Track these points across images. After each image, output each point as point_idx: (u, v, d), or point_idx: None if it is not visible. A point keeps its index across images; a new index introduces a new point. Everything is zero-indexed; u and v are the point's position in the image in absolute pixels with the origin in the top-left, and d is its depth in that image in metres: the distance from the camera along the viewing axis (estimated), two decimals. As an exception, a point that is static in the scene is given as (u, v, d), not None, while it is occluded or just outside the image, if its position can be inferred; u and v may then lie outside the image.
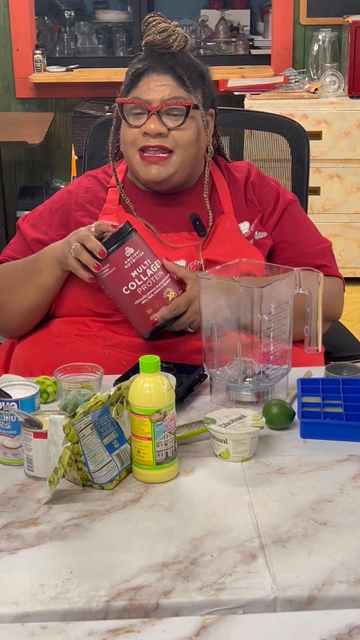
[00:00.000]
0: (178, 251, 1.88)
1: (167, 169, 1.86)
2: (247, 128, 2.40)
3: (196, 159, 1.91)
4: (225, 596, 1.15)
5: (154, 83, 1.86)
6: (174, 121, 1.86)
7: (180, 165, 1.87)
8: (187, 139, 1.86)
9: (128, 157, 1.90)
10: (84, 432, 1.36)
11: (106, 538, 1.27)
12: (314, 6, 4.84)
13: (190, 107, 1.85)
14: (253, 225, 1.95)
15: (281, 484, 1.40)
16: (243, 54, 5.26)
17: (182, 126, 1.85)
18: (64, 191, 2.01)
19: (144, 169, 1.87)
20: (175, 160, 1.86)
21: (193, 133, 1.87)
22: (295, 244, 1.96)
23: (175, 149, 1.86)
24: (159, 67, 1.86)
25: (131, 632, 1.10)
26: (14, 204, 5.04)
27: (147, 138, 1.85)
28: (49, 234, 1.94)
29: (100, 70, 5.07)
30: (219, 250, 1.87)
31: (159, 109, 1.84)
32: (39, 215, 2.00)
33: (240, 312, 1.59)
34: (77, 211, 1.94)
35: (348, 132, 4.45)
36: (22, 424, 1.42)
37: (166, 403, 1.39)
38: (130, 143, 1.88)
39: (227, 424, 1.47)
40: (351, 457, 1.48)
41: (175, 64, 1.87)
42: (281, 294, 1.60)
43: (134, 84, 1.88)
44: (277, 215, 1.98)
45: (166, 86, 1.85)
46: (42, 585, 1.17)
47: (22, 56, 5.03)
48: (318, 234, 2.02)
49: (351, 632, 1.09)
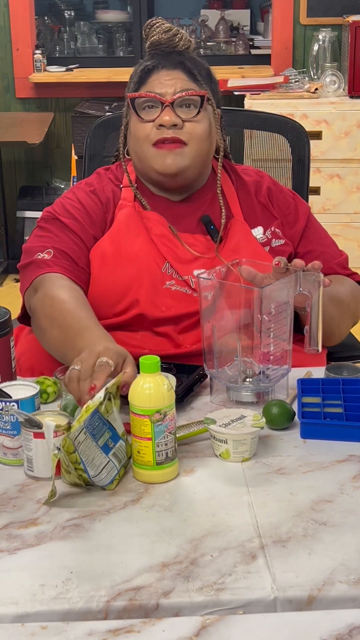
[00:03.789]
0: (197, 261, 1.87)
1: (182, 159, 1.83)
2: (247, 128, 2.40)
3: (208, 154, 1.89)
4: (225, 596, 1.15)
5: (164, 77, 1.85)
6: (187, 113, 1.84)
7: (194, 159, 1.85)
8: (201, 131, 1.84)
9: (141, 153, 1.86)
10: (79, 438, 1.36)
11: (106, 538, 1.27)
12: (314, 6, 4.84)
13: (204, 97, 1.84)
14: (270, 232, 1.93)
15: (281, 484, 1.40)
16: (243, 54, 5.26)
17: (197, 118, 1.84)
18: (87, 192, 1.92)
19: (159, 160, 1.83)
20: (189, 152, 1.83)
21: (206, 126, 1.86)
22: (322, 254, 1.94)
23: (190, 142, 1.83)
24: (168, 63, 1.86)
25: (131, 632, 1.10)
26: (14, 204, 5.04)
27: (161, 131, 1.82)
28: (96, 229, 1.89)
29: (100, 70, 5.07)
30: (237, 255, 1.83)
31: (173, 100, 1.82)
32: (73, 209, 1.89)
33: (241, 312, 1.59)
34: (103, 210, 1.90)
35: (348, 132, 4.46)
36: (22, 424, 1.42)
37: (166, 403, 1.39)
38: (143, 138, 1.84)
39: (227, 424, 1.47)
40: (351, 457, 1.48)
41: (184, 59, 1.86)
42: (281, 294, 1.60)
43: (144, 81, 1.87)
44: (303, 223, 1.97)
45: (177, 79, 1.84)
46: (42, 585, 1.17)
47: (22, 56, 5.03)
48: (335, 244, 2.04)
49: (351, 632, 1.09)
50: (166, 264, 1.85)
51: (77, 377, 1.46)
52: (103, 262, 1.86)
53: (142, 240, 1.86)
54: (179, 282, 1.85)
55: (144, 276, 1.84)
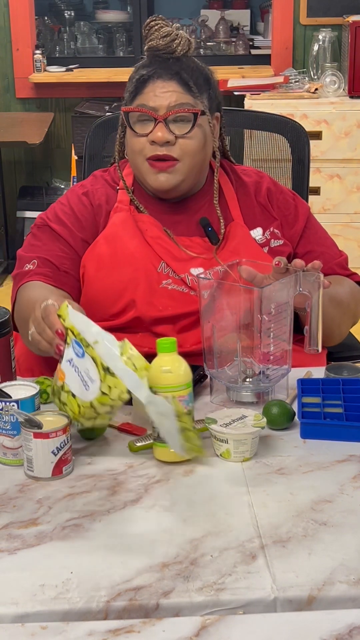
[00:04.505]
0: (194, 260, 1.87)
1: (175, 176, 1.84)
2: (247, 128, 2.39)
3: (202, 165, 1.89)
4: (225, 596, 1.15)
5: (159, 89, 1.83)
6: (181, 128, 1.83)
7: (188, 174, 1.85)
8: (194, 147, 1.84)
9: (136, 165, 1.88)
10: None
11: (106, 538, 1.27)
12: (314, 6, 4.84)
13: (197, 114, 1.83)
14: (269, 233, 1.93)
15: (281, 484, 1.40)
16: (243, 54, 5.26)
17: (189, 134, 1.83)
18: (79, 195, 1.95)
19: (152, 177, 1.85)
20: (182, 168, 1.84)
21: (200, 141, 1.85)
22: (321, 254, 1.94)
23: (182, 158, 1.83)
24: (164, 73, 1.84)
25: (131, 632, 1.10)
26: (14, 204, 5.04)
27: (154, 147, 1.83)
28: (86, 233, 1.91)
29: (100, 70, 5.07)
30: (236, 257, 1.83)
31: (165, 117, 1.82)
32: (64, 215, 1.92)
33: (241, 312, 1.59)
34: (96, 213, 1.92)
35: (348, 132, 4.46)
36: (22, 424, 1.42)
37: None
38: (138, 152, 1.85)
39: (228, 424, 1.47)
40: (351, 457, 1.48)
41: (181, 69, 1.84)
42: (281, 294, 1.60)
43: (139, 91, 1.85)
44: (302, 224, 1.97)
45: (172, 92, 1.83)
46: (42, 585, 1.17)
47: (22, 56, 5.03)
48: (336, 245, 2.04)
49: (351, 632, 1.09)
50: (162, 263, 1.86)
51: (38, 335, 1.53)
52: (99, 264, 1.86)
53: (137, 241, 1.87)
54: (176, 281, 1.85)
55: (140, 277, 1.84)
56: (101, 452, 1.51)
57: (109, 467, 1.46)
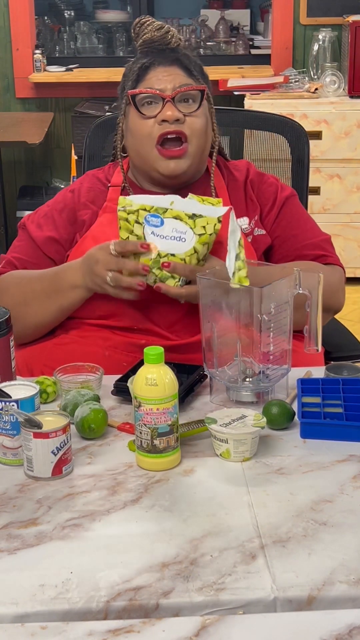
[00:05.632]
0: None
1: (185, 161, 1.86)
2: (247, 128, 2.40)
3: (205, 150, 1.91)
4: (225, 596, 1.15)
5: (162, 74, 1.87)
6: (187, 108, 1.86)
7: (195, 156, 1.87)
8: (201, 125, 1.87)
9: (144, 152, 1.87)
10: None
11: (106, 538, 1.27)
12: (314, 6, 4.84)
13: (204, 91, 1.87)
14: (253, 222, 1.96)
15: (281, 484, 1.40)
16: (243, 53, 5.26)
17: (197, 112, 1.86)
18: (66, 191, 2.01)
19: (163, 164, 1.86)
20: (190, 151, 1.86)
21: (205, 121, 1.89)
22: (293, 237, 1.96)
23: (191, 137, 1.85)
24: (164, 60, 1.88)
25: (131, 632, 1.10)
26: (14, 204, 5.04)
27: (164, 126, 1.84)
28: (60, 232, 1.95)
29: (100, 70, 5.07)
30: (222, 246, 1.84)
31: (174, 95, 1.85)
32: (44, 216, 1.99)
33: (240, 312, 1.59)
34: (80, 210, 1.95)
35: (348, 132, 4.46)
36: (22, 424, 1.42)
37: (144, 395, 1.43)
38: (146, 135, 1.86)
39: (228, 423, 1.47)
40: (351, 457, 1.48)
41: (179, 57, 1.89)
42: (281, 294, 1.60)
43: (142, 77, 1.88)
44: (276, 210, 1.98)
45: (175, 75, 1.87)
46: (42, 585, 1.17)
47: (22, 56, 5.03)
48: (317, 228, 2.02)
49: (351, 632, 1.09)
50: None
51: (117, 274, 1.75)
52: None
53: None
54: None
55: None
56: (101, 452, 1.51)
57: (109, 467, 1.46)
